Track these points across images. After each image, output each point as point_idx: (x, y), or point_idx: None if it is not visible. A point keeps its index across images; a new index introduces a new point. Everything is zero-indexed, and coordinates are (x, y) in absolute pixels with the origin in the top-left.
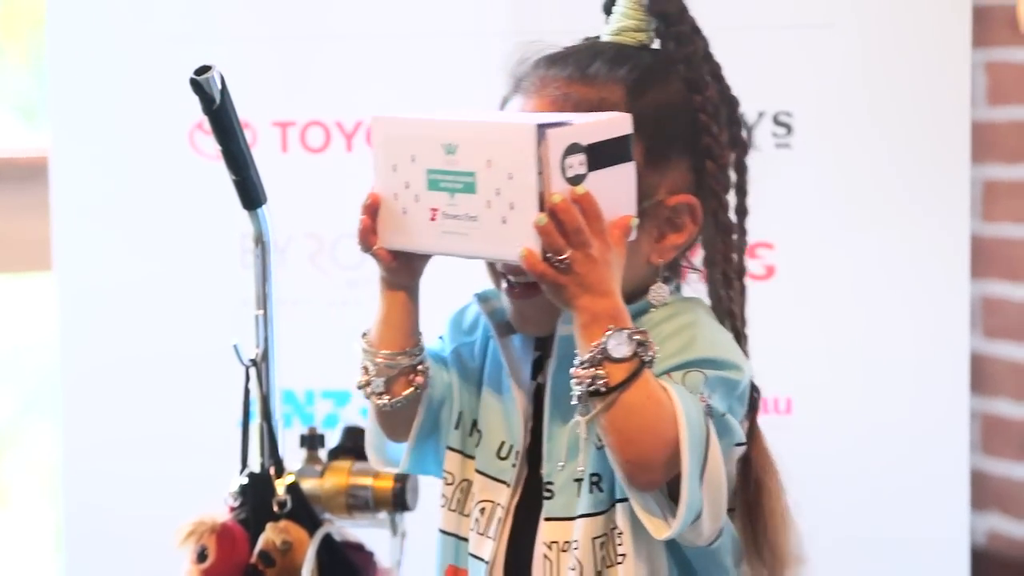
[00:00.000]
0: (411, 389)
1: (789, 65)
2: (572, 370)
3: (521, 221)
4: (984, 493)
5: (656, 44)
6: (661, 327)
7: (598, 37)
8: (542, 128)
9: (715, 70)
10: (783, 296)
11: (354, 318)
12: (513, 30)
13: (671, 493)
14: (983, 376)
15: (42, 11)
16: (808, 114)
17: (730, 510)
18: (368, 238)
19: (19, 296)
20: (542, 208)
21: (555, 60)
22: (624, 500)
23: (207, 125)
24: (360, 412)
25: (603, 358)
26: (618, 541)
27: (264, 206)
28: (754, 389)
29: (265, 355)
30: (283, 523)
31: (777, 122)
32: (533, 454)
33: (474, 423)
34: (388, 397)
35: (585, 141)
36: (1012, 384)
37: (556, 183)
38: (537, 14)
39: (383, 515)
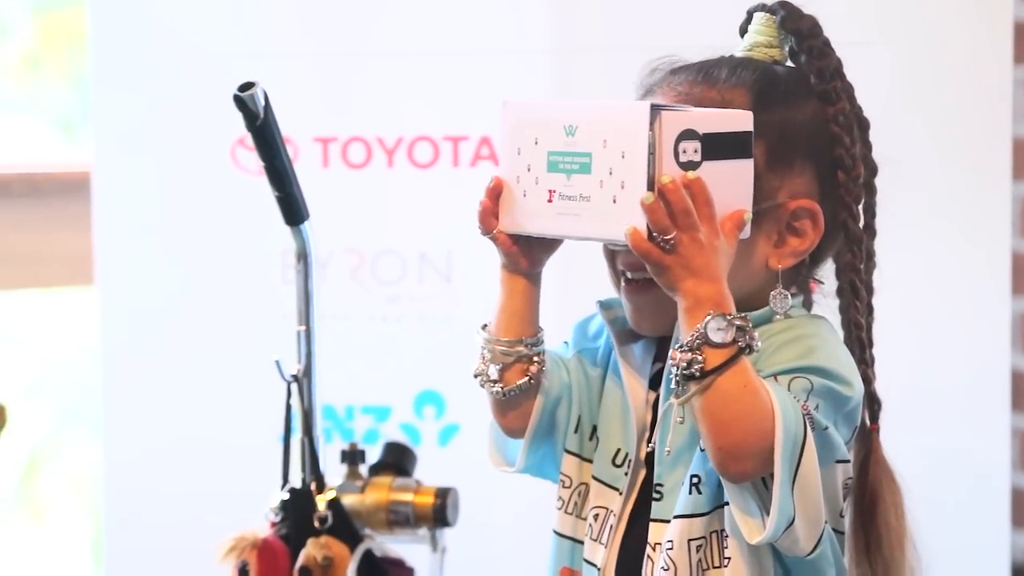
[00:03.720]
0: (525, 379)
1: None
2: (671, 351)
3: (630, 200)
4: None
5: (788, 63)
6: (780, 335)
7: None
8: (656, 109)
9: (848, 89)
10: (824, 310)
11: (394, 333)
12: (555, 47)
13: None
14: None
15: (80, 26)
16: None
17: (838, 533)
18: (488, 221)
19: (55, 310)
20: (651, 188)
21: (683, 67)
22: None
23: (249, 140)
24: (400, 427)
25: (702, 342)
26: (725, 544)
27: (307, 222)
28: (875, 402)
29: (307, 370)
30: (324, 538)
31: None
32: (650, 462)
33: (594, 429)
34: (502, 385)
35: (701, 129)
36: None
37: (668, 166)
38: (580, 30)
39: (423, 531)
